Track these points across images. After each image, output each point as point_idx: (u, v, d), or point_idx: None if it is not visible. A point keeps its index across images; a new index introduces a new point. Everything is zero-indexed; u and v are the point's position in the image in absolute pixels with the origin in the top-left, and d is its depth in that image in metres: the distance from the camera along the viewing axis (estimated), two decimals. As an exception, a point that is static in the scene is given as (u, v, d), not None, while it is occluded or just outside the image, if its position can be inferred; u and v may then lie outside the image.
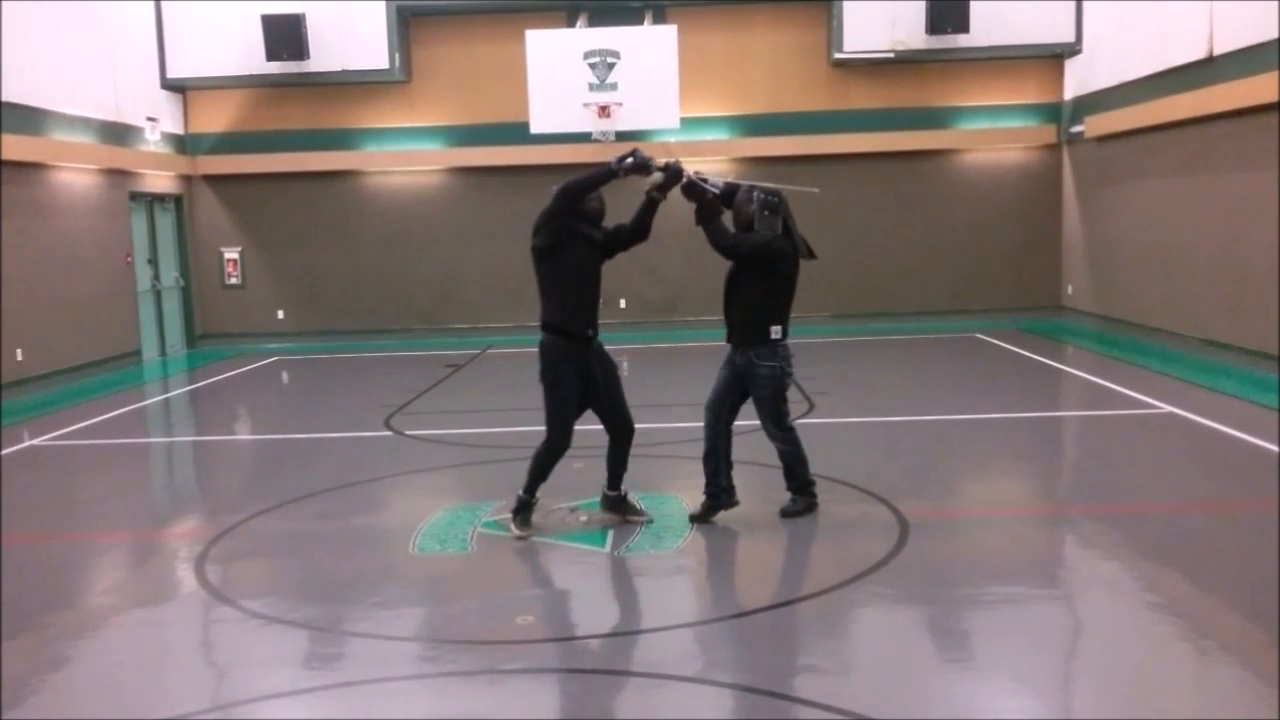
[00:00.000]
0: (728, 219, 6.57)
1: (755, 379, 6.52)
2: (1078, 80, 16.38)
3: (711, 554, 6.33)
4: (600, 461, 6.73)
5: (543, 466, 6.45)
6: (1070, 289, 17.02)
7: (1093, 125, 15.35)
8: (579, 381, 6.38)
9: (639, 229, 6.56)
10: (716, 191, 6.49)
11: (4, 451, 9.50)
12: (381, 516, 7.35)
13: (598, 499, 6.80)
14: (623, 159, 6.21)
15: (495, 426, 10.10)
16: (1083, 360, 13.29)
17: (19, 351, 12.54)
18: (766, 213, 6.47)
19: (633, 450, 6.71)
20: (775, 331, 6.47)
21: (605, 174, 6.25)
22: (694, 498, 6.89)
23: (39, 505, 7.85)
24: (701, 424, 6.75)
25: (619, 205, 7.00)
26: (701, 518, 6.68)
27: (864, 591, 5.47)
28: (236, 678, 4.82)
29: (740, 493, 6.90)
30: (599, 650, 4.95)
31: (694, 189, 6.40)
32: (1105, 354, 13.42)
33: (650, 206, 6.47)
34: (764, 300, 6.47)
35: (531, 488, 6.47)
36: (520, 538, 6.40)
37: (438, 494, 7.87)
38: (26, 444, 9.88)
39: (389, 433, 9.92)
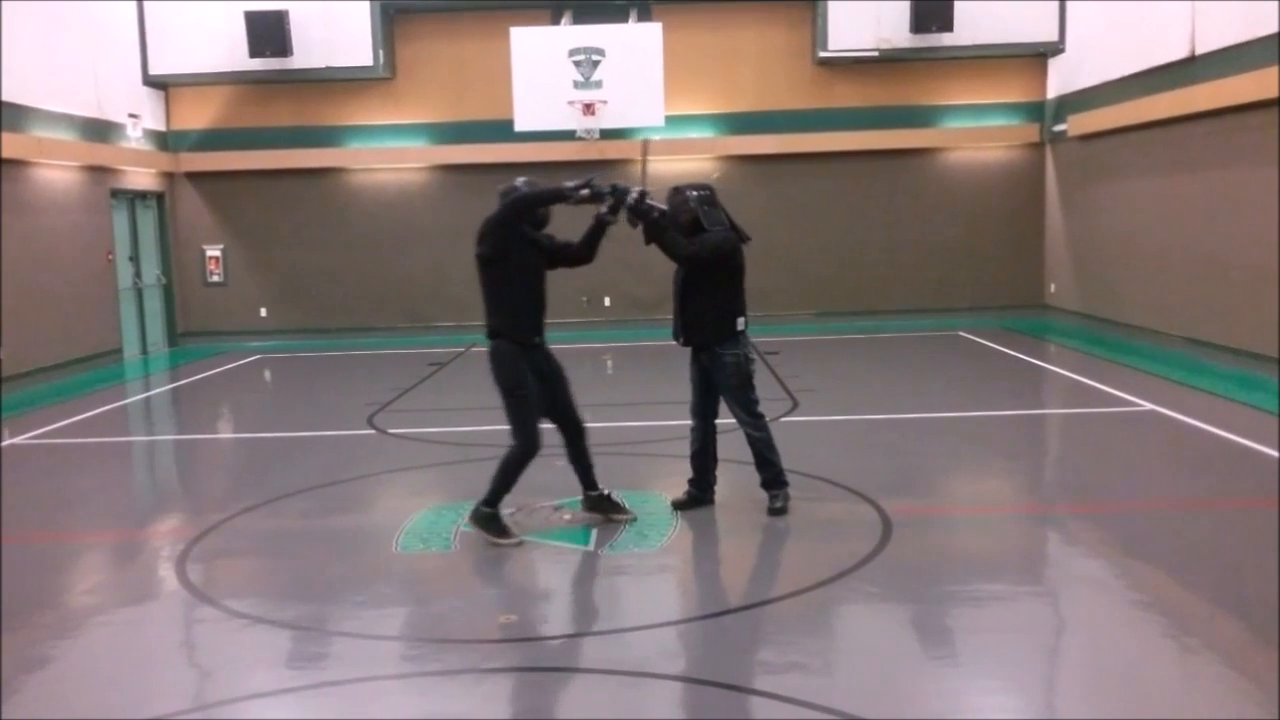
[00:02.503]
0: None
1: (721, 369, 6.57)
2: (1061, 79, 16.44)
3: (695, 552, 6.33)
4: (584, 461, 6.72)
5: (510, 475, 6.28)
6: (1053, 287, 17.09)
7: (1076, 124, 15.41)
8: (534, 382, 6.30)
9: (586, 253, 6.50)
10: (663, 209, 6.47)
11: (-16, 450, 9.45)
12: (364, 515, 7.33)
13: (578, 497, 6.77)
14: (578, 188, 6.12)
15: (479, 425, 10.06)
16: (1065, 358, 13.34)
17: (-1, 349, 12.47)
18: (707, 208, 6.52)
19: (617, 448, 6.71)
20: (740, 323, 6.56)
21: (557, 195, 6.16)
22: (677, 495, 6.93)
23: (20, 505, 7.77)
24: (684, 422, 6.86)
25: (561, 209, 6.91)
26: (683, 506, 6.82)
27: (847, 589, 5.48)
28: (219, 678, 4.79)
29: (725, 490, 6.95)
30: (582, 649, 4.94)
31: (638, 210, 6.33)
32: (1087, 352, 13.47)
33: (599, 231, 6.40)
34: (727, 296, 6.55)
35: (494, 499, 6.29)
36: (513, 544, 6.24)
37: (421, 492, 7.84)
38: (6, 442, 9.80)
39: (372, 431, 9.88)
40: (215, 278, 17.45)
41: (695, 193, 6.55)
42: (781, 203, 16.94)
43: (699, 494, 6.85)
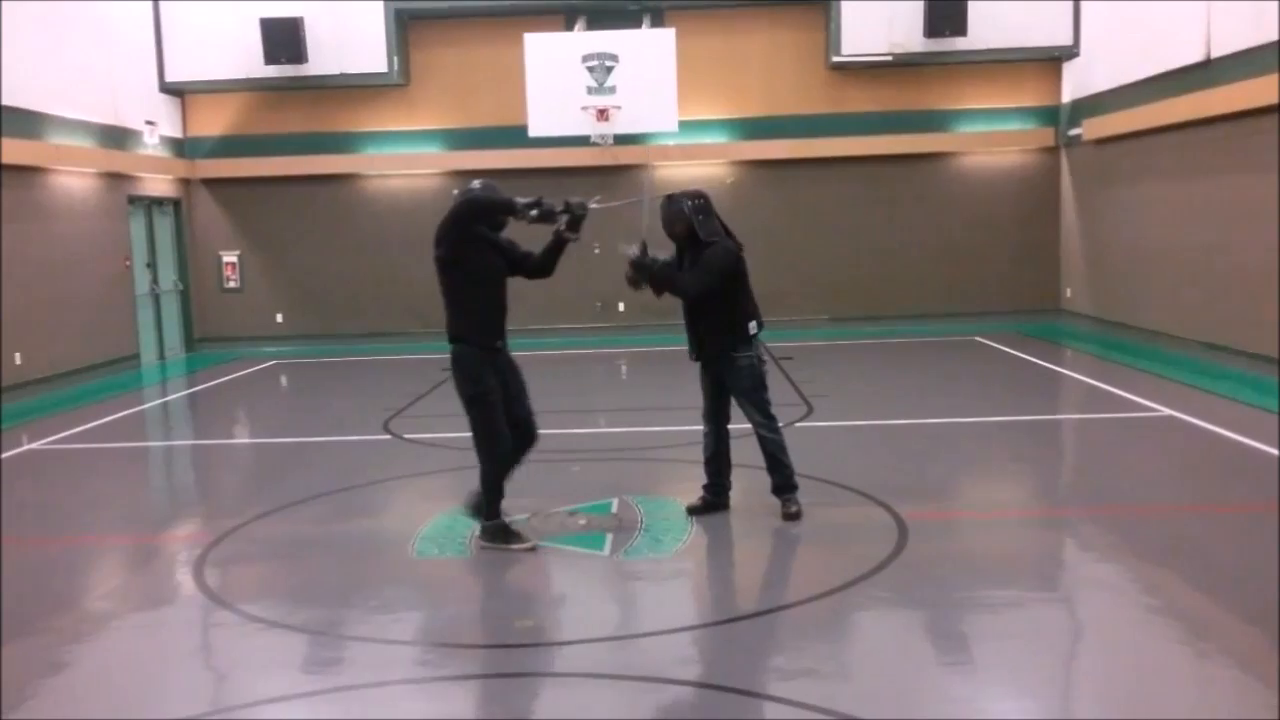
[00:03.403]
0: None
1: (734, 372, 6.57)
2: (1075, 83, 16.39)
3: (710, 558, 6.33)
4: (598, 465, 6.73)
5: (495, 485, 6.25)
6: (1068, 292, 17.03)
7: (1090, 128, 15.36)
8: (499, 388, 6.23)
9: (545, 267, 6.42)
10: (666, 259, 6.43)
11: (3, 456, 9.48)
12: (380, 520, 7.35)
13: (594, 502, 6.76)
14: (528, 206, 6.04)
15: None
16: (1081, 363, 13.29)
17: (17, 355, 12.53)
18: (702, 217, 6.50)
19: (634, 453, 6.71)
20: (753, 327, 6.57)
21: (508, 207, 6.08)
22: (692, 500, 6.93)
23: (38, 509, 7.84)
24: (699, 427, 6.87)
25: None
26: (698, 511, 6.81)
27: (863, 595, 5.47)
28: (235, 682, 4.82)
29: (741, 495, 6.94)
30: (597, 654, 4.94)
31: (641, 268, 6.36)
32: (1103, 357, 13.42)
33: (558, 246, 6.34)
34: (735, 305, 6.56)
35: (493, 511, 6.27)
36: (528, 548, 6.25)
37: (436, 498, 7.85)
38: (25, 448, 9.86)
39: (388, 436, 9.91)
40: (231, 283, 17.53)
41: (690, 202, 6.52)
42: (795, 208, 16.93)
43: (714, 499, 6.84)
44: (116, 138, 14.97)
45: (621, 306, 17.12)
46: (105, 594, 6.04)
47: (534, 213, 6.07)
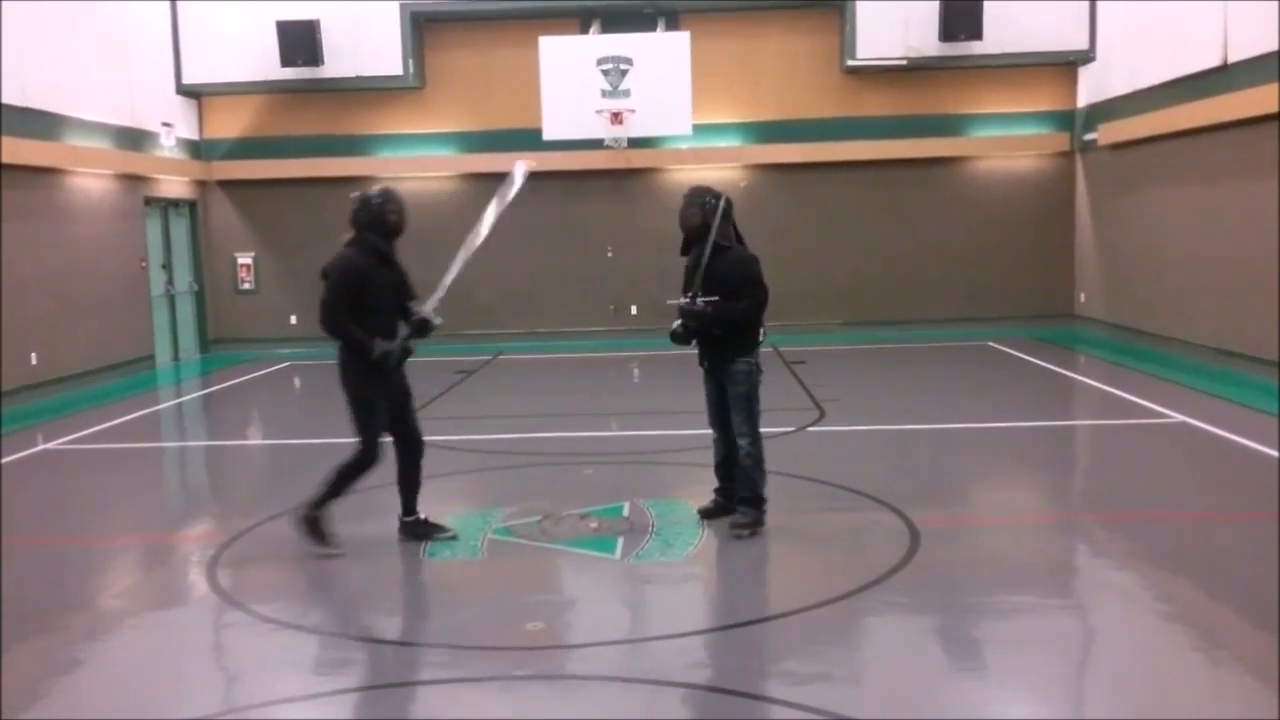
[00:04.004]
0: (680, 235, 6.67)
1: (732, 375, 6.56)
2: (1091, 88, 16.34)
3: (722, 561, 6.33)
4: (611, 468, 6.75)
5: (345, 481, 6.32)
6: (1083, 297, 16.97)
7: (1106, 133, 15.30)
8: (386, 395, 6.33)
9: (413, 335, 6.50)
10: (709, 301, 6.43)
11: (18, 455, 9.53)
12: (392, 522, 7.33)
13: (605, 506, 6.77)
14: (382, 356, 6.16)
15: (507, 433, 10.12)
16: (1095, 369, 13.24)
17: (33, 355, 12.60)
18: (720, 219, 6.49)
19: (646, 456, 6.71)
20: (762, 333, 6.61)
21: (364, 351, 6.17)
22: (704, 503, 6.92)
23: (52, 508, 7.89)
24: (710, 432, 6.84)
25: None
26: (709, 514, 6.81)
27: (875, 600, 5.46)
28: (247, 682, 4.84)
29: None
30: (608, 657, 4.94)
31: (691, 315, 6.46)
32: (1117, 363, 13.37)
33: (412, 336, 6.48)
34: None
35: (323, 502, 6.32)
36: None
37: (448, 500, 7.86)
38: (40, 448, 9.92)
39: (400, 438, 9.91)
40: (246, 285, 17.60)
41: (713, 199, 6.53)
42: (808, 211, 16.91)
43: (725, 502, 6.82)
44: (133, 139, 15.05)
45: (634, 310, 17.13)
46: (119, 593, 6.07)
47: (388, 361, 6.22)
